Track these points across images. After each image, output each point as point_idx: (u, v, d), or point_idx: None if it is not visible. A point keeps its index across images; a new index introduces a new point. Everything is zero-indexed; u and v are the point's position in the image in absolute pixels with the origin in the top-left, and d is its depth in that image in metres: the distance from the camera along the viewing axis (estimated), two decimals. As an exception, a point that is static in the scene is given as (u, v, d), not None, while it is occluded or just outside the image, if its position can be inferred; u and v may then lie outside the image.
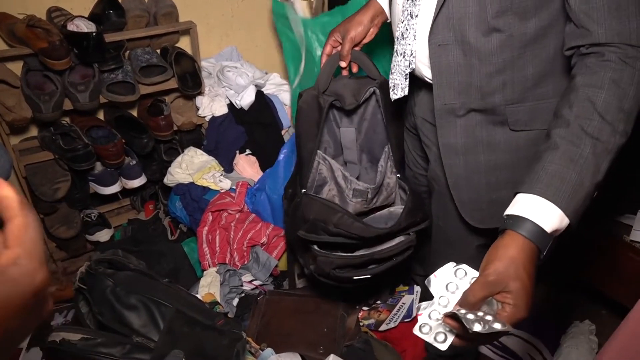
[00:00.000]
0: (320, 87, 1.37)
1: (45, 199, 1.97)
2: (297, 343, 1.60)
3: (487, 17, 0.99)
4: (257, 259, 1.88)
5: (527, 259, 0.77)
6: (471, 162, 1.16)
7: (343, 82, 1.40)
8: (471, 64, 1.06)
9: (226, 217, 1.96)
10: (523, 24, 0.98)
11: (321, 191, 1.42)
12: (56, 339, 1.17)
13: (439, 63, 1.09)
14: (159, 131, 2.11)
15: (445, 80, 1.10)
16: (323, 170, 1.41)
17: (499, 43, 1.01)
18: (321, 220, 1.30)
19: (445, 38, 1.06)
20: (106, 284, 1.26)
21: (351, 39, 1.33)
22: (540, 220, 0.78)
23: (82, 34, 1.78)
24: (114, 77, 1.96)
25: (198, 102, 2.22)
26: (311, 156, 1.39)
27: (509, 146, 1.12)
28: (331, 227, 1.29)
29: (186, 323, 1.25)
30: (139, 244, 2.09)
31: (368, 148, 1.47)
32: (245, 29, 2.42)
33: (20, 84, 1.84)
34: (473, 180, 1.18)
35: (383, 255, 1.35)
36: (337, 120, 1.46)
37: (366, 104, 1.43)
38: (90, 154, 1.94)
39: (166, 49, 2.14)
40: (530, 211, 0.79)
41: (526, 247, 0.77)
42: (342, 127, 1.46)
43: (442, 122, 1.15)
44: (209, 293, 1.71)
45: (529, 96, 1.07)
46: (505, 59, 1.02)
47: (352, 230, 1.28)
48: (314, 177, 1.42)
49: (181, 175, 2.14)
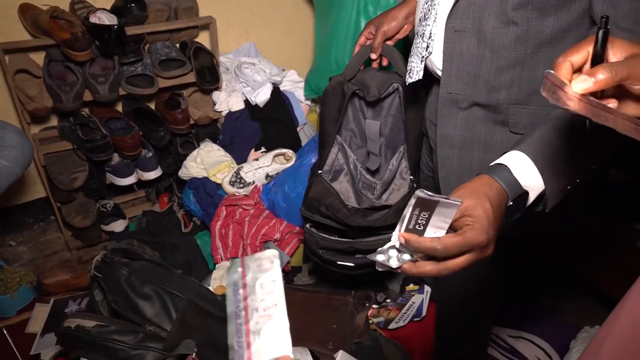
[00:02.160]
0: (347, 74, 1.40)
1: (63, 187, 2.00)
2: (306, 338, 1.61)
3: (507, 8, 0.98)
4: (269, 254, 1.89)
5: (494, 195, 0.76)
6: (464, 158, 1.16)
7: (371, 74, 1.42)
8: (483, 55, 1.05)
9: (240, 212, 1.97)
10: (541, 20, 0.97)
11: (338, 177, 1.44)
12: (71, 325, 1.19)
13: (452, 49, 1.09)
14: (175, 124, 2.14)
15: (455, 68, 1.09)
16: (340, 157, 1.44)
17: (514, 37, 1.00)
18: (316, 200, 1.35)
19: (463, 24, 1.05)
20: (121, 273, 1.27)
21: (383, 33, 1.34)
22: (513, 168, 0.79)
23: (104, 27, 1.80)
24: (134, 70, 1.98)
25: (215, 97, 2.24)
26: (330, 140, 1.42)
27: (505, 148, 1.09)
28: (322, 208, 1.34)
29: (198, 314, 1.26)
30: (153, 236, 2.12)
31: (392, 144, 1.48)
32: (264, 26, 2.43)
33: (42, 74, 1.87)
34: (464, 176, 1.16)
35: (364, 246, 1.38)
36: (363, 111, 1.48)
37: (392, 100, 1.44)
38: (108, 145, 1.97)
39: (185, 44, 2.16)
40: (505, 160, 0.81)
41: (494, 185, 0.78)
42: (367, 118, 1.48)
43: (444, 112, 1.15)
44: (221, 286, 1.73)
45: (534, 99, 1.05)
46: (517, 55, 1.01)
47: (338, 215, 1.32)
48: (333, 162, 1.45)
49: (196, 169, 2.16)
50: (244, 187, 2.03)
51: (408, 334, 1.72)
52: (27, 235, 2.37)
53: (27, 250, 2.31)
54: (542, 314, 1.92)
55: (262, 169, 2.06)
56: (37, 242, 2.36)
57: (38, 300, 2.03)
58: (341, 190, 1.40)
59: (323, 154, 1.44)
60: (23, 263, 2.25)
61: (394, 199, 1.44)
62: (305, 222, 1.46)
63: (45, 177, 2.04)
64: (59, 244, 2.34)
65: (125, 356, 1.16)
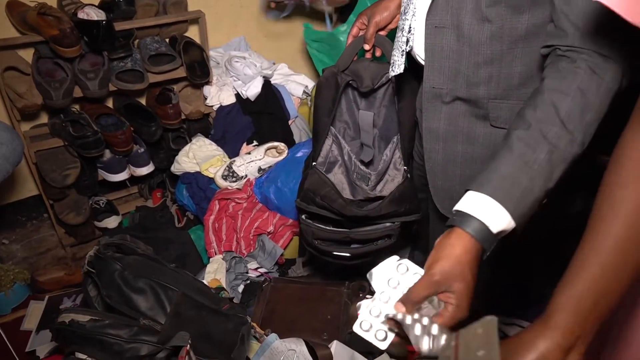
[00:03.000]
0: (340, 65, 1.40)
1: (55, 185, 1.99)
2: (301, 329, 1.62)
3: (482, 5, 0.99)
4: (263, 248, 1.90)
5: (472, 259, 0.76)
6: (449, 151, 1.17)
7: (364, 65, 1.42)
8: (462, 50, 1.06)
9: (233, 206, 1.98)
10: (516, 17, 0.98)
11: (332, 169, 1.45)
12: (65, 320, 1.19)
13: (433, 45, 1.09)
14: (167, 119, 2.13)
15: (437, 63, 1.10)
16: (334, 148, 1.45)
17: (489, 34, 1.01)
18: (312, 191, 1.36)
19: (443, 20, 1.06)
20: (114, 267, 1.27)
21: (375, 23, 1.34)
22: (487, 220, 0.77)
23: (92, 22, 1.80)
24: (123, 66, 1.98)
25: (206, 91, 2.24)
26: (325, 131, 1.42)
27: (487, 141, 1.13)
28: (318, 199, 1.34)
29: (192, 307, 1.27)
30: (147, 231, 2.12)
31: (385, 135, 1.48)
32: (254, 20, 2.43)
33: (31, 70, 1.86)
34: (448, 169, 1.19)
35: (360, 236, 1.39)
36: (357, 102, 1.48)
37: (385, 91, 1.44)
38: (100, 141, 1.96)
39: (175, 38, 2.16)
40: (478, 210, 0.78)
41: (472, 247, 0.77)
42: (361, 109, 1.48)
43: (428, 106, 1.16)
44: (215, 279, 1.74)
45: (512, 94, 1.06)
46: (493, 51, 1.02)
47: (334, 205, 1.33)
48: (327, 153, 1.45)
49: (188, 164, 2.16)
50: (237, 181, 2.03)
51: (402, 323, 1.73)
52: (20, 233, 2.37)
53: (21, 248, 2.31)
54: (533, 301, 1.93)
55: (255, 163, 2.07)
56: (30, 240, 2.35)
57: (33, 297, 2.03)
58: (336, 181, 1.41)
59: (317, 145, 1.45)
60: (17, 261, 2.25)
61: (388, 189, 1.45)
62: (300, 213, 1.46)
63: (37, 174, 2.03)
64: (52, 241, 2.34)
65: (119, 350, 1.16)
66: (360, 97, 1.48)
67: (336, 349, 1.48)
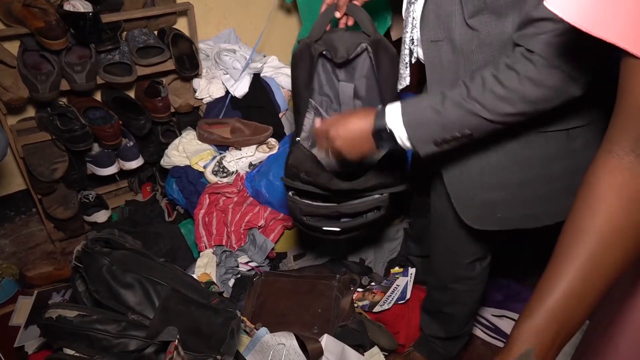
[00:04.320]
0: (312, 36, 1.35)
1: (43, 179, 1.97)
2: (291, 323, 1.62)
3: (465, 17, 1.00)
4: (254, 242, 1.89)
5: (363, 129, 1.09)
6: (463, 159, 1.17)
7: (339, 35, 1.37)
8: (458, 61, 1.07)
9: (224, 200, 1.97)
10: (500, 22, 0.98)
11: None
12: (52, 316, 1.18)
13: (432, 59, 1.11)
14: (156, 113, 2.12)
15: (437, 76, 1.11)
16: (317, 122, 1.43)
17: (478, 42, 1.02)
18: (295, 167, 1.35)
19: (437, 35, 1.07)
20: (102, 262, 1.26)
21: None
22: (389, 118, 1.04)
23: (79, 14, 1.77)
24: (111, 58, 1.96)
25: (195, 84, 2.22)
26: (304, 104, 1.41)
27: (499, 147, 1.12)
28: (302, 174, 1.34)
29: (181, 301, 1.26)
30: (137, 225, 2.11)
31: (369, 106, 1.44)
32: (243, 12, 2.41)
33: (17, 63, 1.84)
34: (465, 178, 1.18)
35: (350, 209, 1.38)
36: (336, 74, 1.45)
37: (363, 61, 1.41)
38: (88, 134, 1.94)
39: (163, 30, 2.14)
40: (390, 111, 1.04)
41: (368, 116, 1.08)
42: (340, 81, 1.45)
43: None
44: (205, 273, 1.73)
45: None
46: (485, 57, 1.03)
47: (319, 180, 1.33)
48: (310, 128, 1.44)
49: (178, 158, 2.15)
50: (227, 177, 2.02)
51: (393, 316, 1.74)
52: (8, 228, 2.35)
53: (9, 243, 2.29)
54: (524, 293, 1.94)
55: (246, 158, 2.06)
56: (19, 234, 2.33)
57: (21, 292, 2.01)
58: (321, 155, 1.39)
59: (299, 119, 1.43)
60: (5, 256, 2.23)
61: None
62: (287, 190, 1.46)
63: (24, 168, 2.01)
64: (41, 236, 2.32)
65: (108, 345, 1.15)
66: (338, 68, 1.44)
67: (327, 343, 1.48)
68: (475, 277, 1.43)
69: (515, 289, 1.95)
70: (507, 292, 1.94)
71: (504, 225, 1.19)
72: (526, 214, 1.16)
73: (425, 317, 1.66)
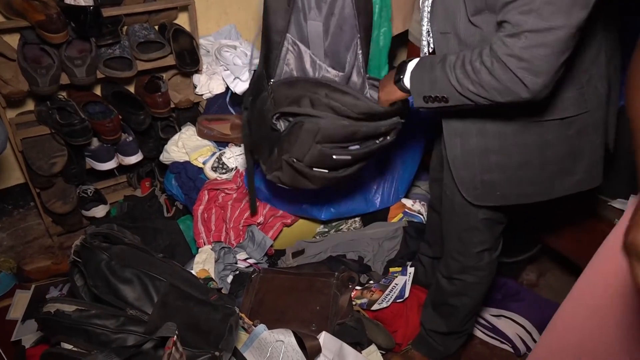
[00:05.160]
0: None
1: (41, 173, 1.97)
2: (290, 320, 1.62)
3: (468, 14, 1.08)
4: (253, 238, 1.89)
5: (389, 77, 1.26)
6: (466, 144, 1.25)
7: None
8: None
9: (223, 196, 1.96)
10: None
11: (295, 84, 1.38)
12: (50, 310, 1.18)
13: (440, 50, 1.20)
14: (156, 108, 2.11)
15: None
16: (291, 60, 1.37)
17: (480, 38, 1.09)
18: (311, 92, 1.31)
19: (446, 27, 1.15)
20: (101, 257, 1.26)
21: None
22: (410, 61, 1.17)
23: (79, 8, 1.76)
24: (111, 53, 1.95)
25: (195, 80, 2.21)
26: (280, 39, 1.34)
27: (497, 134, 1.20)
28: (323, 97, 1.29)
29: (180, 297, 1.26)
30: (135, 221, 2.10)
31: (332, 51, 1.41)
32: (244, 8, 2.40)
33: (17, 56, 1.83)
34: (468, 160, 1.26)
35: (370, 131, 1.34)
36: (305, 12, 1.38)
37: None
38: (87, 129, 1.94)
39: (164, 26, 2.13)
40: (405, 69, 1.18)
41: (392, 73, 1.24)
42: (309, 19, 1.38)
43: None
44: (204, 269, 1.73)
45: None
46: None
47: (343, 103, 1.29)
48: (282, 70, 1.38)
49: (177, 153, 2.14)
50: (227, 173, 2.02)
51: (391, 315, 1.74)
52: (6, 222, 2.34)
53: (7, 237, 2.29)
54: (522, 292, 1.95)
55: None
56: (17, 228, 2.33)
57: (19, 286, 2.00)
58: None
59: (272, 61, 1.36)
60: (2, 250, 2.22)
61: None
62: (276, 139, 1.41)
63: (23, 162, 2.00)
64: (39, 230, 2.32)
65: (106, 340, 1.15)
66: (308, 5, 1.37)
67: (325, 340, 1.48)
68: (484, 268, 1.46)
69: (513, 288, 1.96)
70: (505, 291, 1.94)
71: (502, 201, 1.28)
72: (522, 192, 1.26)
73: (428, 311, 1.66)
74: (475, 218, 1.36)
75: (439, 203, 1.62)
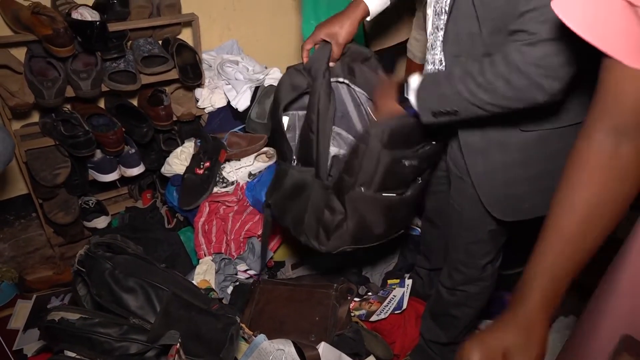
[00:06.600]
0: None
1: (45, 184, 1.99)
2: (289, 331, 1.63)
3: (484, 36, 1.08)
4: (253, 250, 1.91)
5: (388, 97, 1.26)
6: (489, 161, 1.24)
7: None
8: None
9: (224, 209, 1.99)
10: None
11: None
12: (55, 318, 1.20)
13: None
14: (158, 121, 2.14)
15: None
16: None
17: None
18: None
19: (460, 50, 1.15)
20: (105, 266, 1.28)
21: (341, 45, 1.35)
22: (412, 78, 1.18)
23: (86, 23, 1.80)
24: (116, 66, 1.99)
25: (198, 93, 2.25)
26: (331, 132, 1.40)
27: (520, 146, 1.19)
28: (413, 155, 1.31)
29: (182, 306, 1.28)
30: (136, 232, 2.12)
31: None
32: (246, 23, 2.45)
33: (24, 69, 1.86)
34: (491, 177, 1.25)
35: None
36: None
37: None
38: (91, 141, 1.97)
39: (168, 40, 2.17)
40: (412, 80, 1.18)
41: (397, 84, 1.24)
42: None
43: (462, 124, 1.21)
44: (204, 280, 1.75)
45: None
46: None
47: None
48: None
49: (179, 166, 2.16)
50: (227, 187, 2.04)
51: (389, 326, 1.75)
52: (8, 232, 2.36)
53: (8, 247, 2.30)
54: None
55: (245, 168, 2.08)
56: (18, 239, 2.35)
57: (20, 296, 2.02)
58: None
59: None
60: (4, 260, 2.24)
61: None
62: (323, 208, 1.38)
63: (27, 173, 2.03)
64: (40, 240, 2.34)
65: (109, 348, 1.17)
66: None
67: (324, 350, 1.49)
68: (486, 279, 1.49)
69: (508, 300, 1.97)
70: (502, 304, 1.96)
71: (531, 214, 1.27)
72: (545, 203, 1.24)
73: (428, 322, 1.68)
74: (483, 231, 1.37)
75: (436, 215, 1.64)
